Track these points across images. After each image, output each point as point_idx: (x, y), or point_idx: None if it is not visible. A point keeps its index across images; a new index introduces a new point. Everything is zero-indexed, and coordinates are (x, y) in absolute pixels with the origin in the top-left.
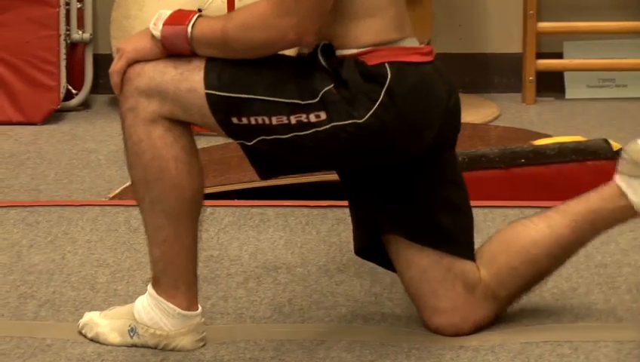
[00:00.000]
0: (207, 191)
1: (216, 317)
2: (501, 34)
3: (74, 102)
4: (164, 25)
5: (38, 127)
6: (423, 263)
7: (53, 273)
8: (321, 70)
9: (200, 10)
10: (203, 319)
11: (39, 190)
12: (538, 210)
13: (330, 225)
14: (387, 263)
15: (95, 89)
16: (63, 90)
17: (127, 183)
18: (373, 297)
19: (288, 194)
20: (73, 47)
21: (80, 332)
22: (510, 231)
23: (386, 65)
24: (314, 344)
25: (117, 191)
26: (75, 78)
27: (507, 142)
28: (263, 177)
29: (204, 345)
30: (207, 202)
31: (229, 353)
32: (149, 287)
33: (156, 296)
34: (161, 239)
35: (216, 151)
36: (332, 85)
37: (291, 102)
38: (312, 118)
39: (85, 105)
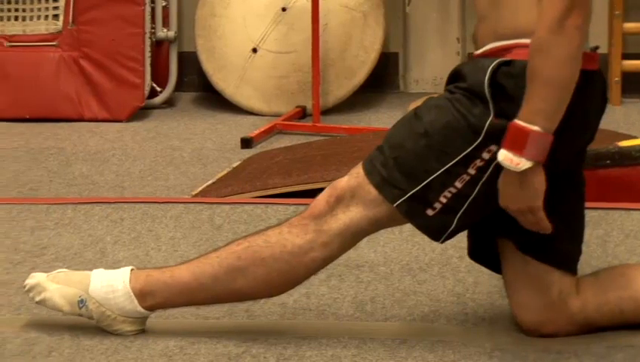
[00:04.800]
0: (292, 189)
1: (299, 313)
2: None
3: (158, 99)
4: (528, 156)
5: (123, 124)
6: (527, 257)
7: None
8: (476, 99)
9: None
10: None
11: (124, 187)
12: (623, 211)
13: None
14: (496, 267)
15: (179, 87)
16: (147, 88)
17: (211, 181)
18: (456, 297)
19: None
20: (158, 45)
21: (27, 294)
22: (636, 272)
23: None
24: (396, 343)
25: (200, 188)
26: (159, 75)
27: (592, 143)
28: (443, 241)
29: (143, 331)
30: (290, 200)
31: (310, 349)
32: (128, 281)
33: (131, 294)
34: (214, 289)
35: (299, 149)
36: (492, 116)
37: (462, 157)
38: (485, 155)
39: (169, 102)
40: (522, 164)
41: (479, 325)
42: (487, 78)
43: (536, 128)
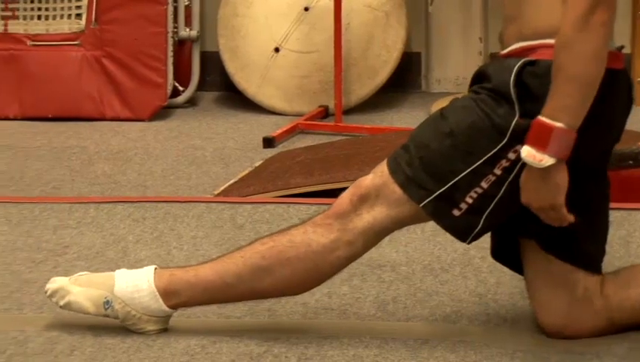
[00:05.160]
0: (314, 188)
1: (321, 313)
2: None
3: (181, 99)
4: (551, 153)
5: (146, 123)
6: (550, 257)
7: None
8: (500, 100)
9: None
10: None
11: (146, 186)
12: None
13: (436, 224)
14: (519, 268)
15: (202, 86)
16: (170, 87)
17: (232, 180)
18: (478, 297)
19: None
20: (180, 44)
21: (50, 299)
22: None
23: None
24: (418, 343)
25: (222, 188)
26: (181, 75)
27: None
28: (470, 241)
29: (166, 330)
30: (312, 200)
31: (332, 348)
32: (152, 280)
33: (156, 293)
34: (238, 288)
35: (321, 149)
36: (517, 116)
37: (488, 157)
38: (511, 155)
39: (192, 102)
40: (545, 160)
41: (501, 326)
42: (512, 78)
43: (560, 125)
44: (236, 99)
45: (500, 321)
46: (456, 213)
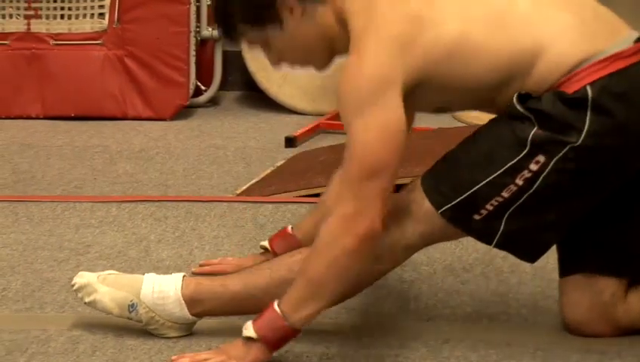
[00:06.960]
0: None
1: (342, 312)
2: None
3: (203, 98)
4: (254, 326)
5: (167, 122)
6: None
7: (180, 268)
8: (520, 118)
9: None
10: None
11: (167, 185)
12: None
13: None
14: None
15: (224, 86)
16: (192, 87)
17: (254, 180)
18: (499, 297)
19: None
20: (203, 43)
21: (76, 293)
22: None
23: (587, 87)
24: (438, 342)
25: (244, 187)
26: (204, 74)
27: None
28: (534, 260)
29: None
30: None
31: (353, 348)
32: (180, 288)
33: (182, 301)
34: (264, 300)
35: (342, 149)
36: (536, 127)
37: (509, 167)
38: (533, 167)
39: (214, 101)
40: (248, 330)
41: (522, 325)
42: (515, 96)
43: (274, 307)
44: (258, 98)
45: (521, 321)
46: (476, 217)
